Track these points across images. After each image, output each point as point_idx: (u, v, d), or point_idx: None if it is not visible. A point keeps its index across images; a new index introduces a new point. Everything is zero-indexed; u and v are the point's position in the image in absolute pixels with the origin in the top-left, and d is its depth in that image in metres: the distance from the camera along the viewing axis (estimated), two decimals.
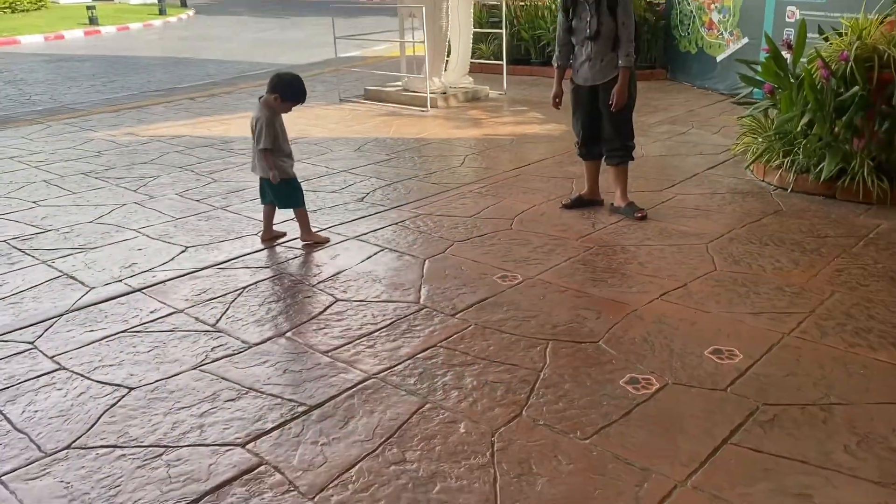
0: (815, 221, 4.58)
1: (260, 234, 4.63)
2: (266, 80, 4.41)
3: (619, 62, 4.45)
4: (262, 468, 2.49)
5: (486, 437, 2.60)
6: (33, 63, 14.90)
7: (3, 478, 2.49)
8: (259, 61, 14.14)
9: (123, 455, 2.58)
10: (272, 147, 4.28)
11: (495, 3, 10.90)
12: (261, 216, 4.74)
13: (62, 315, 3.68)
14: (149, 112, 9.09)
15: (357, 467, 2.48)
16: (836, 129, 5.00)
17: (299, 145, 6.57)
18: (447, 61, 9.10)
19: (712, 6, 9.00)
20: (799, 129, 5.16)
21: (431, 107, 8.48)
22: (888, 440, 2.52)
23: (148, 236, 4.72)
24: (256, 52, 15.69)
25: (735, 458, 2.46)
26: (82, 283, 4.03)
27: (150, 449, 2.61)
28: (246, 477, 2.45)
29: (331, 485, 2.40)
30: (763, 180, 5.40)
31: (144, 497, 2.37)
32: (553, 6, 10.64)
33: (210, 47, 17.03)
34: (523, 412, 2.73)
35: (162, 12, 25.22)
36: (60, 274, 4.17)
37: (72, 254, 4.46)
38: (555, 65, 4.77)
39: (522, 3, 11.09)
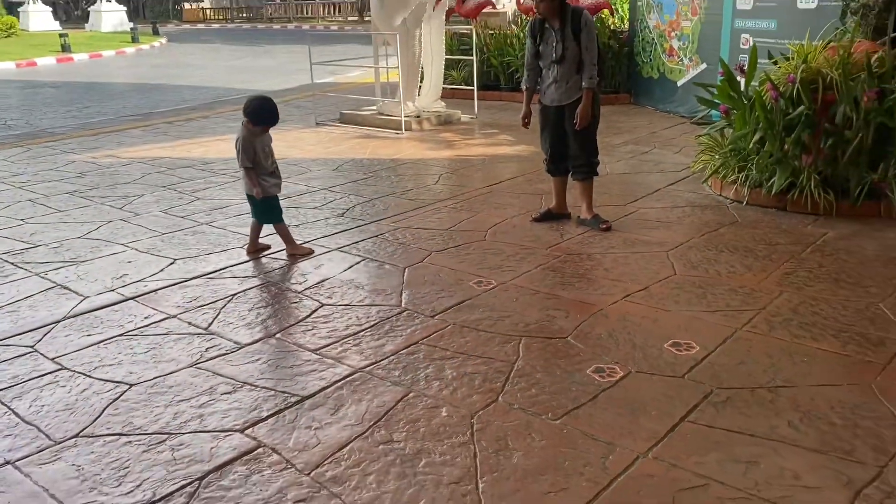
0: (767, 231, 4.92)
1: (245, 246, 4.84)
2: (240, 105, 4.66)
3: (583, 83, 4.78)
4: (260, 450, 2.70)
5: (466, 420, 2.84)
6: (6, 89, 14.97)
7: (17, 463, 2.67)
8: (234, 87, 14.37)
9: (130, 442, 2.78)
10: (251, 165, 4.53)
11: (466, 31, 11.29)
12: (245, 230, 4.97)
13: (59, 322, 3.85)
14: (127, 136, 9.27)
15: (348, 447, 2.70)
16: (786, 146, 5.37)
17: (279, 165, 6.80)
18: (420, 86, 9.42)
19: (672, 34, 9.46)
20: (752, 146, 5.53)
21: (406, 130, 8.77)
22: (828, 416, 2.81)
23: (136, 250, 4.91)
24: (231, 79, 15.93)
25: (691, 433, 2.72)
26: (76, 293, 4.21)
27: (155, 436, 2.81)
28: (246, 458, 2.66)
29: (325, 462, 2.62)
30: (720, 194, 5.76)
31: (152, 476, 2.57)
32: (521, 34, 11.05)
33: (184, 74, 17.23)
34: (499, 398, 2.98)
35: (135, 40, 25.37)
36: (54, 285, 4.34)
37: (63, 266, 4.63)
38: (523, 87, 5.09)
39: (492, 32, 11.49)
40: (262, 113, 4.53)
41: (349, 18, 42.64)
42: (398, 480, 2.51)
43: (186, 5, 49.76)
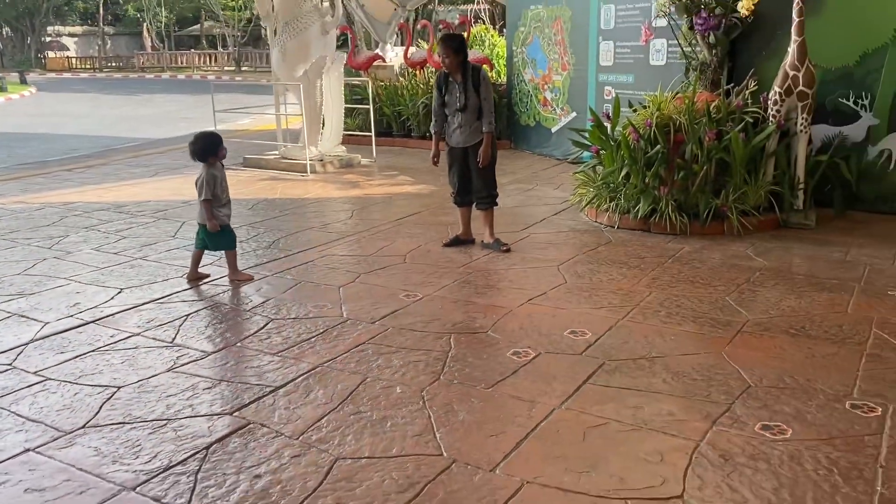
0: (636, 248, 5.93)
1: (186, 275, 5.31)
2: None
3: (483, 128, 5.66)
4: (251, 426, 3.26)
5: (417, 394, 3.51)
6: None
7: (37, 450, 3.09)
8: (123, 136, 14.43)
9: (134, 427, 3.26)
10: (211, 197, 5.07)
11: (357, 83, 12.11)
12: (180, 262, 5.44)
13: (27, 344, 4.21)
14: (29, 183, 9.34)
15: (325, 419, 3.31)
16: (647, 179, 6.45)
17: (194, 206, 7.23)
18: (322, 132, 10.09)
19: (545, 86, 10.66)
20: (619, 179, 6.58)
21: (311, 172, 9.39)
22: (691, 374, 3.69)
23: (80, 282, 5.26)
24: (118, 127, 15.93)
25: (592, 391, 3.53)
26: (36, 320, 4.55)
27: (155, 422, 3.30)
28: (240, 431, 3.21)
29: (308, 430, 3.21)
30: (595, 221, 6.77)
31: (164, 450, 3.07)
32: (409, 86, 12.00)
33: (66, 123, 17.02)
34: (441, 376, 3.68)
35: (2, 89, 24.52)
36: (11, 314, 4.66)
37: (13, 299, 4.93)
38: (432, 131, 5.91)
39: (382, 83, 12.36)
40: (211, 145, 5.09)
41: (226, 68, 42.71)
42: (372, 437, 3.14)
43: (50, 54, 48.15)
